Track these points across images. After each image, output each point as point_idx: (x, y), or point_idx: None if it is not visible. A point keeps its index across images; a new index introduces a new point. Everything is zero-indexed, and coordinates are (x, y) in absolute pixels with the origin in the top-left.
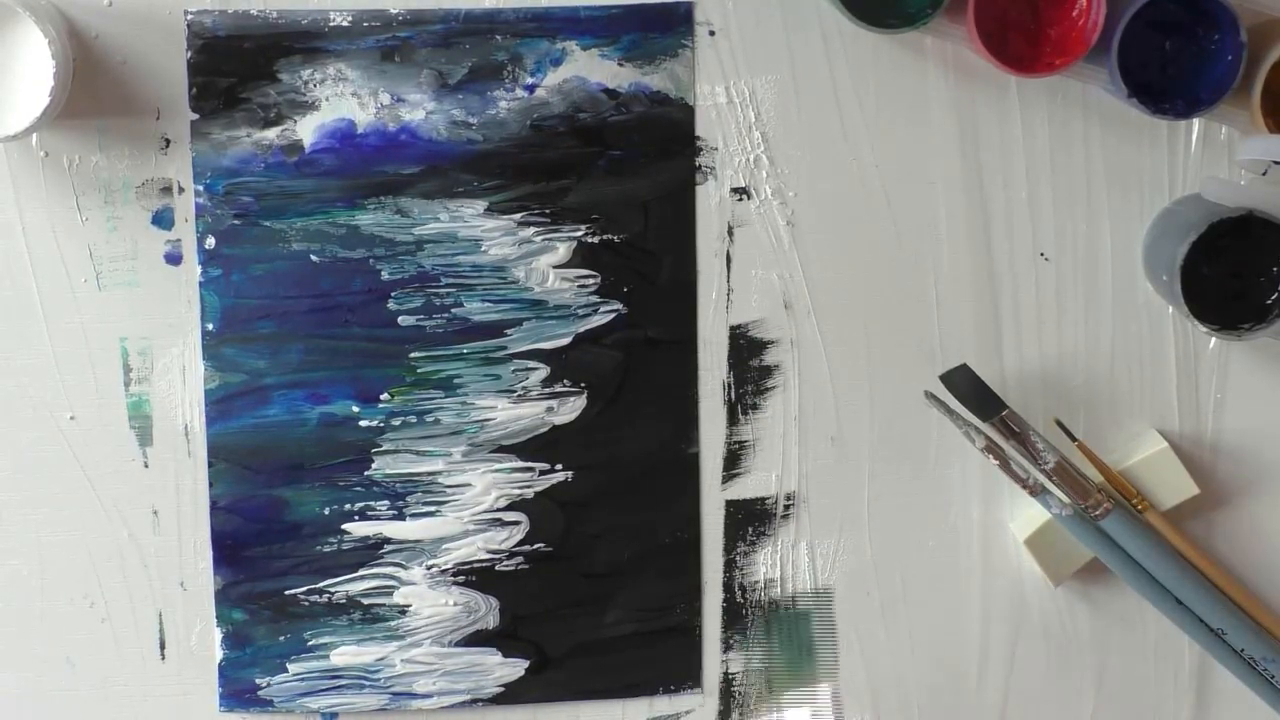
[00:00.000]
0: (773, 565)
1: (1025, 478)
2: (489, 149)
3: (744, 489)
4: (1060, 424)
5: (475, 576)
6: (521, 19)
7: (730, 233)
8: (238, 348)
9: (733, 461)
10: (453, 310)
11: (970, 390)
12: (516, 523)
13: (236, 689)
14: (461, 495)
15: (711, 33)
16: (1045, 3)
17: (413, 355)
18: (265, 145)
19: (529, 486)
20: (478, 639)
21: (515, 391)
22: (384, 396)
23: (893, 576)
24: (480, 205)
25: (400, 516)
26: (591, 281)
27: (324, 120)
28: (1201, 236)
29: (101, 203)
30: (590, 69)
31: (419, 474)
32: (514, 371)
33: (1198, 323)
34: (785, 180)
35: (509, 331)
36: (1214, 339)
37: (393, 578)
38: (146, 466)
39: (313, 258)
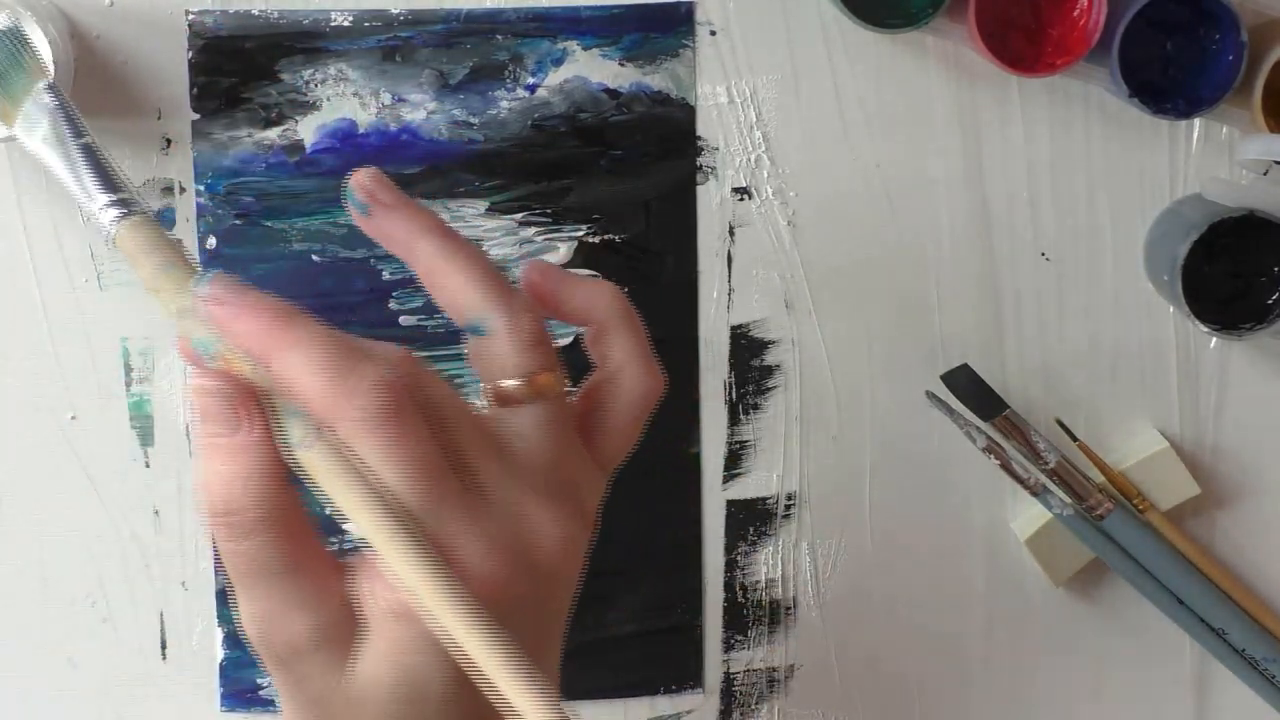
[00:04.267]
0: (773, 565)
1: (1026, 477)
2: (490, 149)
3: (745, 489)
4: (1061, 424)
5: None
6: (523, 19)
7: (731, 232)
8: None
9: (734, 461)
10: None
11: (971, 390)
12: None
13: (238, 689)
14: None
15: (713, 33)
16: (1046, 2)
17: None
18: (266, 145)
19: None
20: None
21: None
22: None
23: (893, 576)
24: (481, 205)
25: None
26: None
27: (325, 120)
28: (1202, 236)
29: None
30: (591, 69)
31: None
32: None
33: (1198, 322)
34: (786, 180)
35: None
36: (1215, 339)
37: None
38: (148, 466)
39: (314, 258)
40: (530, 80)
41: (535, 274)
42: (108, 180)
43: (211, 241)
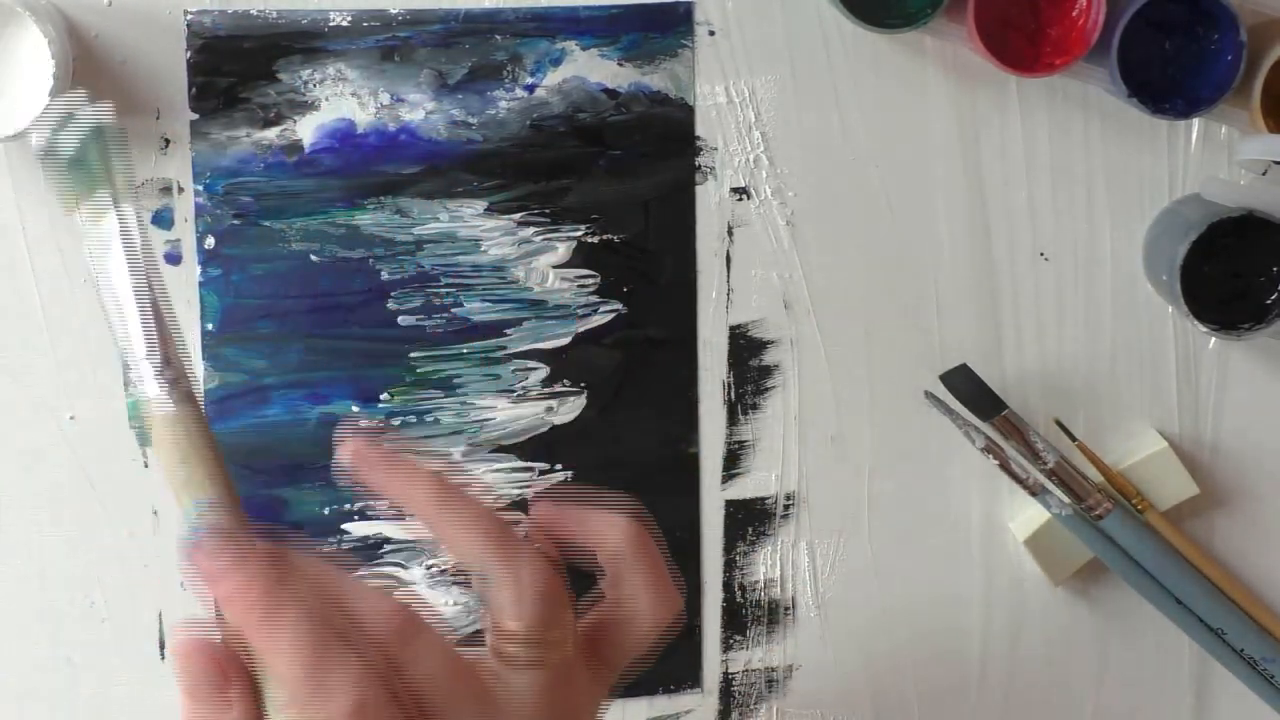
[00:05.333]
0: (773, 565)
1: (1025, 477)
2: (489, 149)
3: (744, 489)
4: (1060, 424)
5: None
6: (521, 19)
7: (730, 232)
8: (237, 348)
9: (733, 461)
10: (452, 310)
11: (970, 390)
12: (516, 522)
13: None
14: None
15: (711, 33)
16: (1045, 2)
17: (412, 355)
18: (265, 145)
19: (529, 486)
20: (478, 639)
21: (515, 391)
22: (384, 396)
23: (893, 576)
24: (480, 205)
25: (400, 516)
26: (591, 281)
27: (324, 120)
28: (1201, 236)
29: None
30: (590, 69)
31: None
32: (514, 371)
33: (1198, 323)
34: (785, 180)
35: (509, 331)
36: (1214, 339)
37: (392, 577)
38: (146, 466)
39: (312, 258)
40: (529, 80)
41: (543, 512)
42: (164, 349)
43: (210, 241)
